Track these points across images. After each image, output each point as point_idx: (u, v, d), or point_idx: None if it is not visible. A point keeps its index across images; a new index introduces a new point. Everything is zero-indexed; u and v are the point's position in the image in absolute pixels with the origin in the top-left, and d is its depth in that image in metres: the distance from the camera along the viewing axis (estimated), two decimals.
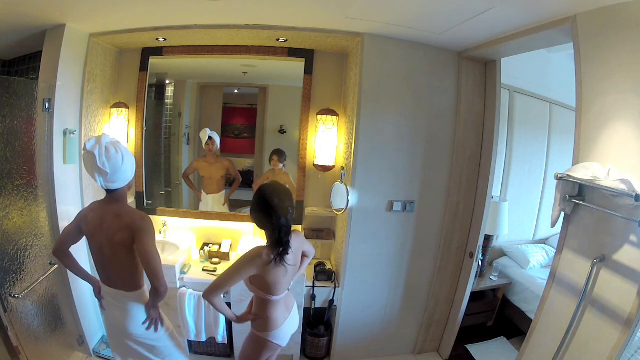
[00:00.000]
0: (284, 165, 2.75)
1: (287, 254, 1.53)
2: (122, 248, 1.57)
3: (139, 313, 1.67)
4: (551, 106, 3.39)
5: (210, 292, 1.55)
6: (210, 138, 2.74)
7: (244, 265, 1.54)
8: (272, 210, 1.48)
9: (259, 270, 1.54)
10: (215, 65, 2.79)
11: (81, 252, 2.43)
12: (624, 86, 1.38)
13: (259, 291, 1.61)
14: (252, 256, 1.53)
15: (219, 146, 2.78)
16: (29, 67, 2.71)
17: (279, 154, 2.74)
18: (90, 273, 1.83)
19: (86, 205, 2.42)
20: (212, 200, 2.84)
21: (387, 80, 2.26)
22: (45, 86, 2.10)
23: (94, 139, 1.54)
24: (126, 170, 1.57)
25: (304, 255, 1.79)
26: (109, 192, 1.61)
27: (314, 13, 1.99)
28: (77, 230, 1.68)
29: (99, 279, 1.74)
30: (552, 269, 1.69)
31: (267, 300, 1.62)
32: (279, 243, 1.51)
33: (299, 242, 1.68)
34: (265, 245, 1.55)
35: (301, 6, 1.88)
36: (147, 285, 1.68)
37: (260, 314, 1.67)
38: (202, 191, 2.85)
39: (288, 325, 1.73)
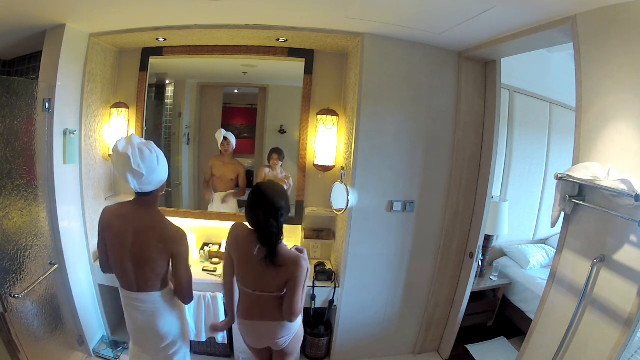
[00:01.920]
0: (282, 164, 2.75)
1: (273, 256, 1.50)
2: (156, 259, 1.52)
3: (169, 310, 1.64)
4: (551, 106, 3.39)
5: (224, 276, 1.69)
6: (225, 139, 2.74)
7: (227, 244, 1.64)
8: (256, 208, 1.51)
9: (234, 247, 1.61)
10: (215, 65, 2.79)
11: (82, 253, 2.43)
12: (624, 86, 1.38)
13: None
14: (230, 233, 1.63)
15: (234, 146, 2.78)
16: (29, 67, 2.71)
17: (278, 152, 2.74)
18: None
19: (87, 205, 2.44)
20: (218, 199, 2.85)
21: (387, 80, 2.26)
22: (45, 86, 2.10)
23: (123, 140, 1.46)
24: (161, 171, 1.50)
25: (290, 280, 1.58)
26: (139, 195, 1.52)
27: (314, 13, 1.99)
28: (103, 242, 1.61)
29: (118, 284, 1.65)
30: (552, 269, 1.69)
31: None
32: (262, 241, 1.51)
33: (285, 264, 1.53)
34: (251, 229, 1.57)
35: (301, 6, 1.88)
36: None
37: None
38: (212, 191, 2.85)
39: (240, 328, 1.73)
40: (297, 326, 1.71)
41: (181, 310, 1.73)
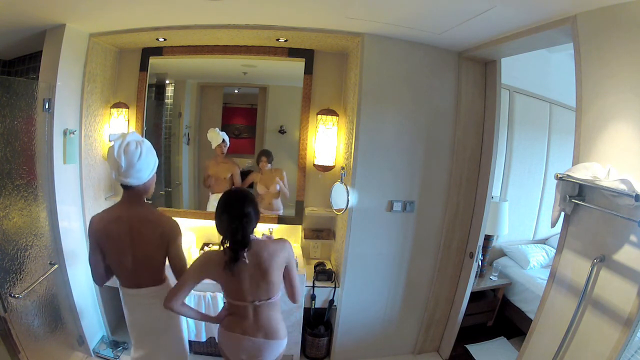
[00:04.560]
0: (271, 165, 2.76)
1: (235, 261, 1.46)
2: (154, 252, 1.58)
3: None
4: (551, 106, 3.38)
5: (169, 300, 1.52)
6: (223, 140, 2.76)
7: (195, 269, 1.55)
8: (220, 215, 1.48)
9: (210, 275, 1.53)
10: (215, 65, 2.79)
11: (82, 253, 2.43)
12: (624, 86, 1.38)
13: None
14: (201, 260, 1.57)
15: (228, 145, 2.79)
16: (29, 67, 2.71)
17: (267, 154, 2.75)
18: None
19: (87, 205, 2.45)
20: (215, 200, 2.84)
21: (387, 80, 2.27)
22: (45, 86, 2.10)
23: (119, 133, 1.55)
24: (141, 169, 1.52)
25: (287, 270, 1.61)
26: (125, 189, 1.57)
27: (314, 13, 1.99)
28: (99, 251, 1.62)
29: (118, 283, 1.69)
30: (552, 269, 1.69)
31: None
32: (226, 247, 1.48)
33: (271, 251, 1.53)
34: (218, 250, 1.52)
35: (301, 6, 1.89)
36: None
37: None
38: (209, 192, 2.86)
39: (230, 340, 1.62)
40: (284, 346, 1.68)
41: None
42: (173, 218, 1.63)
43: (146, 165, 1.55)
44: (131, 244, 1.56)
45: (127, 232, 1.55)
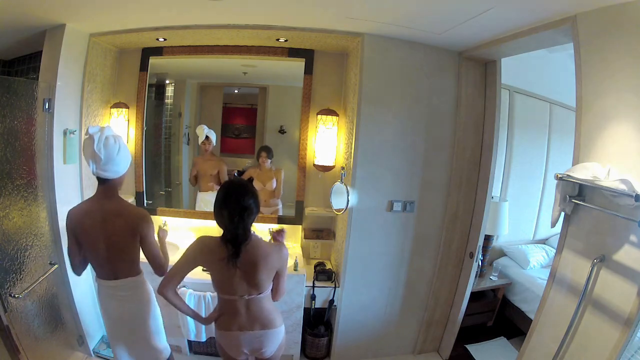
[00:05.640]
0: (271, 162, 2.75)
1: (237, 256, 1.45)
2: (127, 244, 1.62)
3: (144, 295, 1.74)
4: (551, 106, 3.39)
5: (162, 286, 1.51)
6: (207, 137, 2.74)
7: (189, 254, 1.53)
8: (220, 208, 1.46)
9: (204, 261, 1.53)
10: (215, 65, 2.79)
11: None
12: (624, 86, 1.38)
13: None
14: (195, 245, 1.54)
15: (214, 144, 2.79)
16: (29, 67, 2.71)
17: (267, 150, 2.75)
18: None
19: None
20: (202, 199, 2.85)
21: (387, 80, 2.27)
22: (45, 86, 2.10)
23: (98, 126, 1.59)
24: (119, 163, 1.59)
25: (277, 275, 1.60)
26: (100, 183, 1.62)
27: (314, 13, 1.99)
28: (76, 242, 1.65)
29: (96, 274, 1.73)
30: (552, 269, 1.69)
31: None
32: (227, 241, 1.46)
33: (267, 253, 1.52)
34: (213, 236, 1.51)
35: (301, 6, 1.89)
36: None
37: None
38: (197, 190, 2.86)
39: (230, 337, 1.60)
40: (283, 333, 1.68)
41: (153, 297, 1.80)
42: (143, 209, 1.66)
43: (124, 159, 1.62)
44: (104, 237, 1.60)
45: (100, 225, 1.59)
